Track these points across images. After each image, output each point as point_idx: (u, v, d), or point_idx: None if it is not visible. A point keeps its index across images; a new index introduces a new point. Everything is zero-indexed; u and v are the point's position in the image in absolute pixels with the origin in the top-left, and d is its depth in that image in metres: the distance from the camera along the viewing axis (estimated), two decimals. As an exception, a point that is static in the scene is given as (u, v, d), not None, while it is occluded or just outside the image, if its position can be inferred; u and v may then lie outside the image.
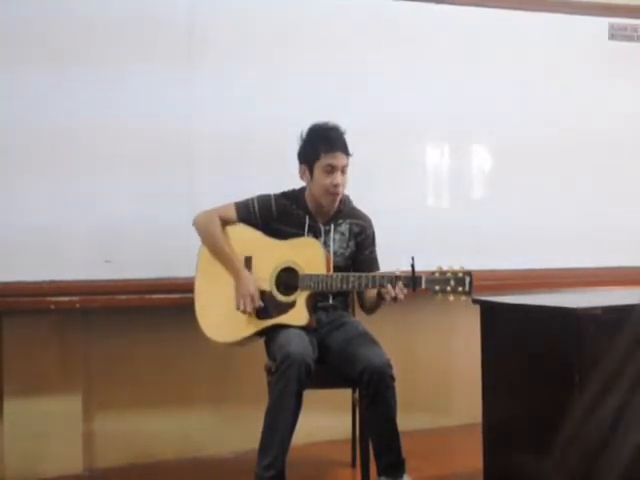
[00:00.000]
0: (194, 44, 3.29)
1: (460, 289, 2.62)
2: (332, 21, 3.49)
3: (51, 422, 3.19)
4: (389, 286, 2.66)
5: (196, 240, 2.92)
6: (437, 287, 2.64)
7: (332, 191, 2.84)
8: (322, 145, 2.83)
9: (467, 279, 2.62)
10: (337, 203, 2.90)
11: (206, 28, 3.31)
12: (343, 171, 2.85)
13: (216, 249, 2.88)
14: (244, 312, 2.78)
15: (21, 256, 3.04)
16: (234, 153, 3.31)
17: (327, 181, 2.83)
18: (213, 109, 3.30)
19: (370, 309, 2.92)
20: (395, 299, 2.67)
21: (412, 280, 2.64)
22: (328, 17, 3.49)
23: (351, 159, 2.93)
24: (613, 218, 3.89)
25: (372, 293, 2.85)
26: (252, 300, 2.77)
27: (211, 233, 2.88)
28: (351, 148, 2.92)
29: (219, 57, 3.32)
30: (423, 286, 2.64)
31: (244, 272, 2.83)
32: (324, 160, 2.82)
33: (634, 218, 3.93)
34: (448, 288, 2.63)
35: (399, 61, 3.57)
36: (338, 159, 2.83)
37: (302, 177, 2.92)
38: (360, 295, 2.96)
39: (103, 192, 3.15)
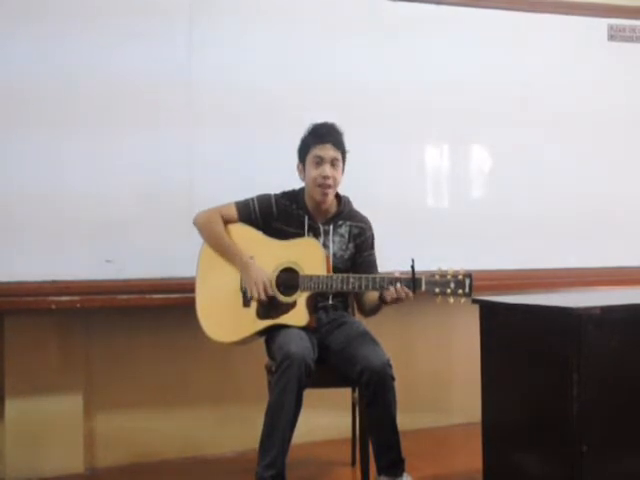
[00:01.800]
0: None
1: (460, 291, 2.62)
2: (332, 22, 3.49)
3: (52, 421, 3.21)
4: (391, 287, 2.67)
5: (197, 240, 2.93)
6: (437, 289, 2.64)
7: (320, 182, 2.86)
8: (312, 138, 2.89)
9: (467, 281, 2.62)
10: (328, 197, 2.89)
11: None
12: (333, 165, 2.87)
13: (220, 245, 2.89)
14: (259, 300, 2.79)
15: (22, 256, 3.05)
16: (234, 153, 3.32)
17: (316, 173, 2.86)
18: (214, 109, 3.30)
19: (370, 312, 2.93)
20: (399, 300, 2.68)
21: (412, 282, 2.64)
22: (328, 18, 3.49)
23: (352, 160, 2.95)
24: (613, 218, 3.90)
25: (372, 296, 2.86)
26: (264, 287, 2.79)
27: (214, 230, 2.90)
28: (351, 149, 2.94)
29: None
30: (423, 288, 2.65)
31: (252, 263, 2.84)
32: (313, 152, 2.87)
33: (634, 218, 3.95)
34: (448, 290, 2.63)
35: (399, 62, 3.58)
36: (326, 150, 2.86)
37: (299, 175, 2.96)
38: (359, 298, 2.97)
39: (104, 192, 3.15)
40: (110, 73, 3.16)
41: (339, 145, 2.89)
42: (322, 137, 2.88)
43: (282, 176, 3.03)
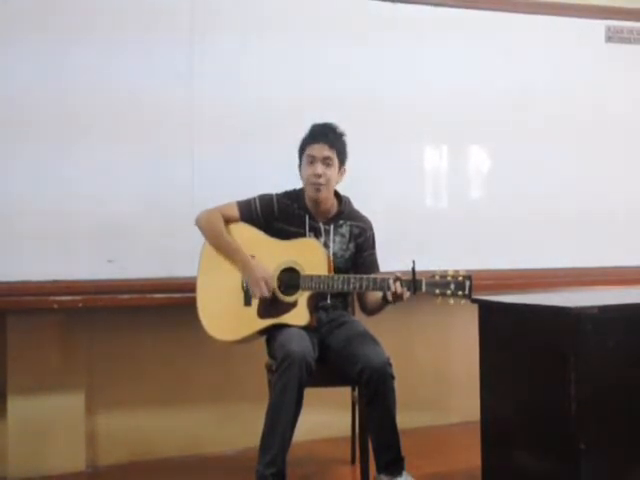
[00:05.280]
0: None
1: (460, 293, 2.64)
2: (332, 24, 3.51)
3: (54, 420, 3.22)
4: (390, 283, 2.69)
5: (198, 240, 2.95)
6: (437, 290, 2.66)
7: (312, 181, 2.89)
8: (307, 138, 2.94)
9: (467, 283, 2.64)
10: (321, 194, 2.91)
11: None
12: (326, 163, 2.89)
13: (220, 244, 2.91)
14: (261, 298, 2.81)
15: (24, 256, 3.06)
16: (235, 154, 3.33)
17: (309, 171, 2.89)
18: (214, 110, 3.32)
19: (372, 311, 2.95)
20: (400, 297, 2.69)
21: (412, 283, 2.66)
22: (328, 20, 3.51)
23: (351, 160, 2.97)
24: (611, 218, 3.92)
25: (374, 296, 2.88)
26: (266, 284, 2.81)
27: (215, 229, 2.91)
28: (351, 149, 2.96)
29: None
30: (423, 289, 2.67)
31: (251, 261, 2.86)
32: (307, 151, 2.91)
33: (632, 218, 3.96)
34: (448, 292, 2.65)
35: (398, 63, 3.60)
36: (318, 149, 2.89)
37: (300, 175, 2.98)
38: (361, 297, 2.99)
39: (105, 192, 3.17)
40: (111, 75, 3.18)
41: (333, 144, 2.91)
42: (316, 136, 2.92)
43: (282, 176, 3.05)
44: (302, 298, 2.81)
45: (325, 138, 2.90)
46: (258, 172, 3.29)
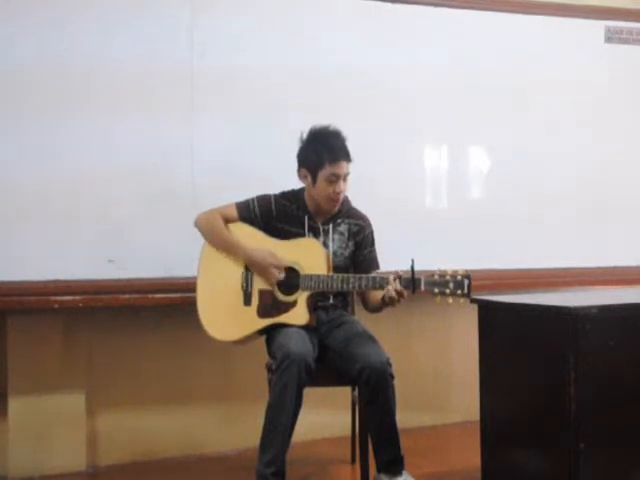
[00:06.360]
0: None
1: (459, 292, 2.64)
2: (332, 24, 3.52)
3: (55, 419, 3.23)
4: (390, 281, 2.69)
5: (198, 241, 2.95)
6: (436, 289, 2.66)
7: (334, 198, 2.89)
8: (326, 154, 2.85)
9: (466, 282, 2.63)
10: (338, 207, 2.94)
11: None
12: (344, 178, 2.89)
13: (220, 241, 2.91)
14: (278, 280, 2.82)
15: (25, 256, 3.07)
16: (236, 154, 3.34)
17: (330, 190, 2.87)
18: (215, 109, 3.33)
19: (374, 309, 2.95)
20: (401, 295, 2.69)
21: (411, 282, 2.67)
22: (329, 20, 3.52)
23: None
24: (611, 218, 3.93)
25: (375, 296, 2.88)
26: (276, 268, 2.82)
27: (214, 228, 2.91)
28: (351, 149, 2.95)
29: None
30: (422, 288, 2.67)
31: (254, 250, 2.86)
32: (328, 170, 2.84)
33: (632, 218, 3.97)
34: (447, 291, 2.65)
35: (399, 62, 3.61)
36: (342, 168, 2.86)
37: (301, 179, 2.96)
38: (362, 295, 2.99)
39: (106, 192, 3.17)
40: (110, 73, 3.19)
41: (350, 158, 2.89)
42: (337, 153, 2.85)
43: (283, 174, 3.03)
44: (302, 298, 2.81)
45: (347, 156, 2.87)
46: (259, 171, 3.29)
